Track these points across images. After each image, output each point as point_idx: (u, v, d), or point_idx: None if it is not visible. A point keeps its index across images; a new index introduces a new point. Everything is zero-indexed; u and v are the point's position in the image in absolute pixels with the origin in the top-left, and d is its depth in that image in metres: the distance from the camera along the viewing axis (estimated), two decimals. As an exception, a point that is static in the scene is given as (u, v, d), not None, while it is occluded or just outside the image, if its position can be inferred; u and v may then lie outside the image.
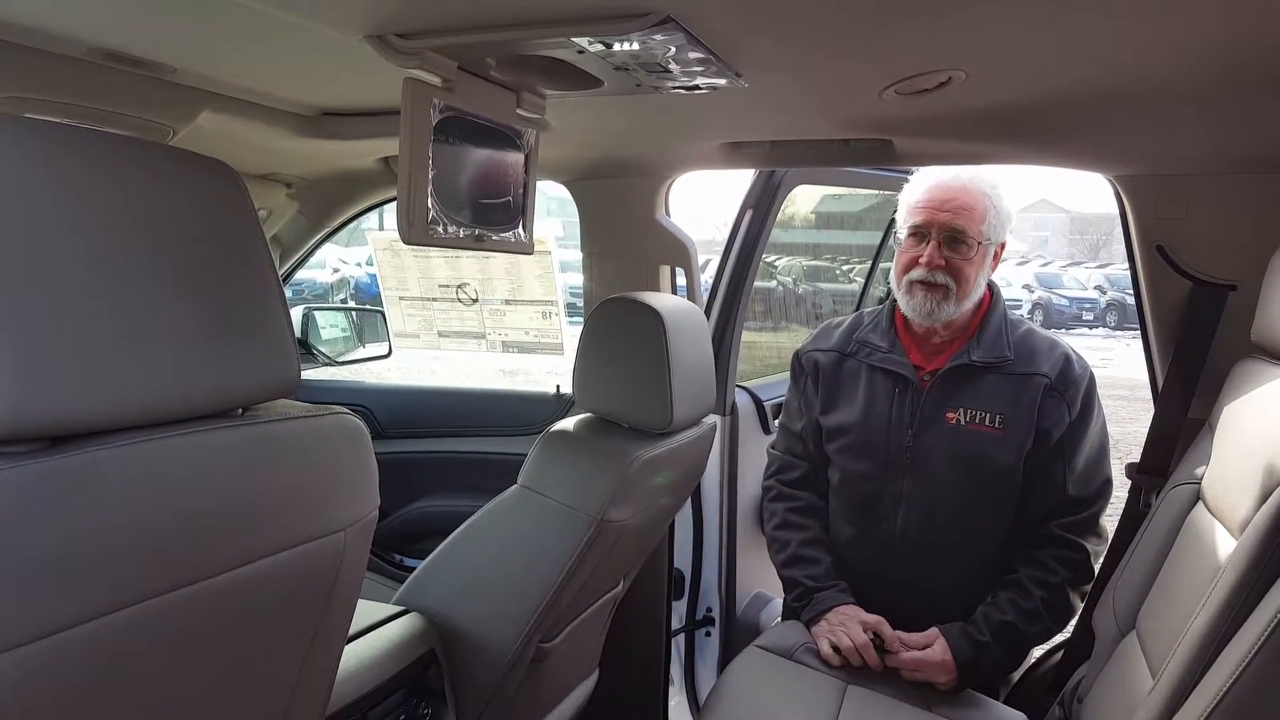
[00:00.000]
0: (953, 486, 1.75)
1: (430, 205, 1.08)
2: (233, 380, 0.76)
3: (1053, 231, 46.25)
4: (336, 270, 15.71)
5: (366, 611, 1.43)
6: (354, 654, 1.29)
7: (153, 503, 0.70)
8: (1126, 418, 8.53)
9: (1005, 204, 1.75)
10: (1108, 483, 1.78)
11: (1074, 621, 1.87)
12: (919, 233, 1.75)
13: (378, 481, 0.95)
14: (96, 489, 0.66)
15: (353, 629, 1.33)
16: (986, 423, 1.73)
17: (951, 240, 1.72)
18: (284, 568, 0.83)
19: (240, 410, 0.80)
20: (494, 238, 1.25)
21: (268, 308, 0.80)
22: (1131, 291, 1.88)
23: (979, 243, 1.72)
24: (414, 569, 1.60)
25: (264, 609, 0.84)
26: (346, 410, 0.89)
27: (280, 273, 2.70)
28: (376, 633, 1.38)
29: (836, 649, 1.74)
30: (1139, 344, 1.91)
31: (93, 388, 0.65)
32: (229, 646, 0.82)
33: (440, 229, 1.11)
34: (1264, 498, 1.17)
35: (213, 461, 0.75)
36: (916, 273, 1.74)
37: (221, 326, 0.75)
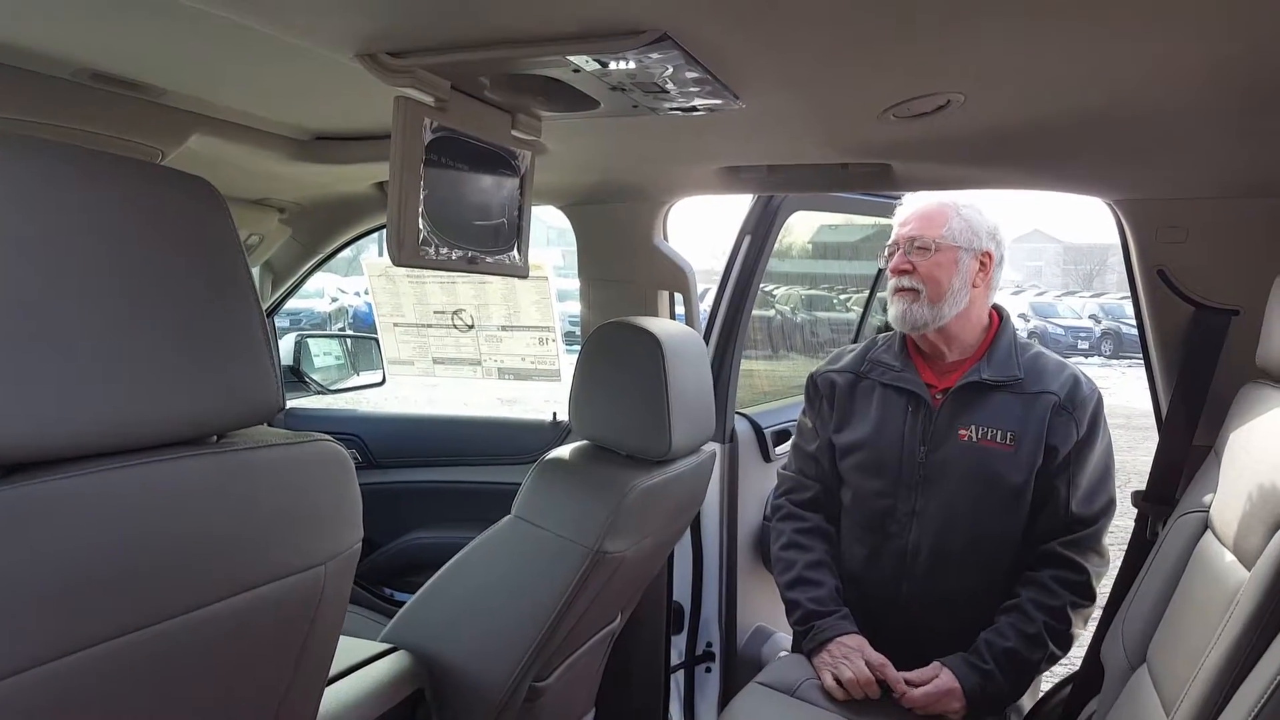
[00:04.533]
0: (965, 503, 1.77)
1: (421, 226, 1.06)
2: (207, 405, 0.73)
3: (1047, 261, 46.54)
4: (335, 299, 15.75)
5: (351, 649, 1.39)
6: (336, 695, 1.24)
7: (118, 535, 0.66)
8: (1125, 446, 8.50)
9: (973, 215, 1.82)
10: (1111, 503, 1.79)
11: (1083, 654, 1.83)
12: (891, 252, 1.87)
13: (361, 512, 0.91)
14: (56, 521, 0.62)
15: (336, 668, 1.29)
16: (998, 440, 1.76)
17: (913, 247, 1.81)
18: (260, 604, 0.80)
19: (215, 437, 0.77)
20: (488, 260, 1.23)
21: (247, 330, 0.77)
22: (1125, 320, 1.90)
23: (938, 246, 1.79)
24: (405, 604, 1.56)
25: (238, 647, 0.80)
26: (329, 438, 0.86)
27: (273, 300, 2.68)
28: (361, 672, 1.34)
29: (839, 681, 1.70)
30: (1134, 372, 1.92)
31: (54, 413, 0.62)
32: (199, 688, 0.79)
33: (431, 251, 1.08)
34: (1276, 527, 1.14)
35: (184, 491, 0.71)
36: (891, 281, 1.84)
37: (196, 349, 0.72)
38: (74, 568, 0.64)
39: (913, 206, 1.87)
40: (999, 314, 1.90)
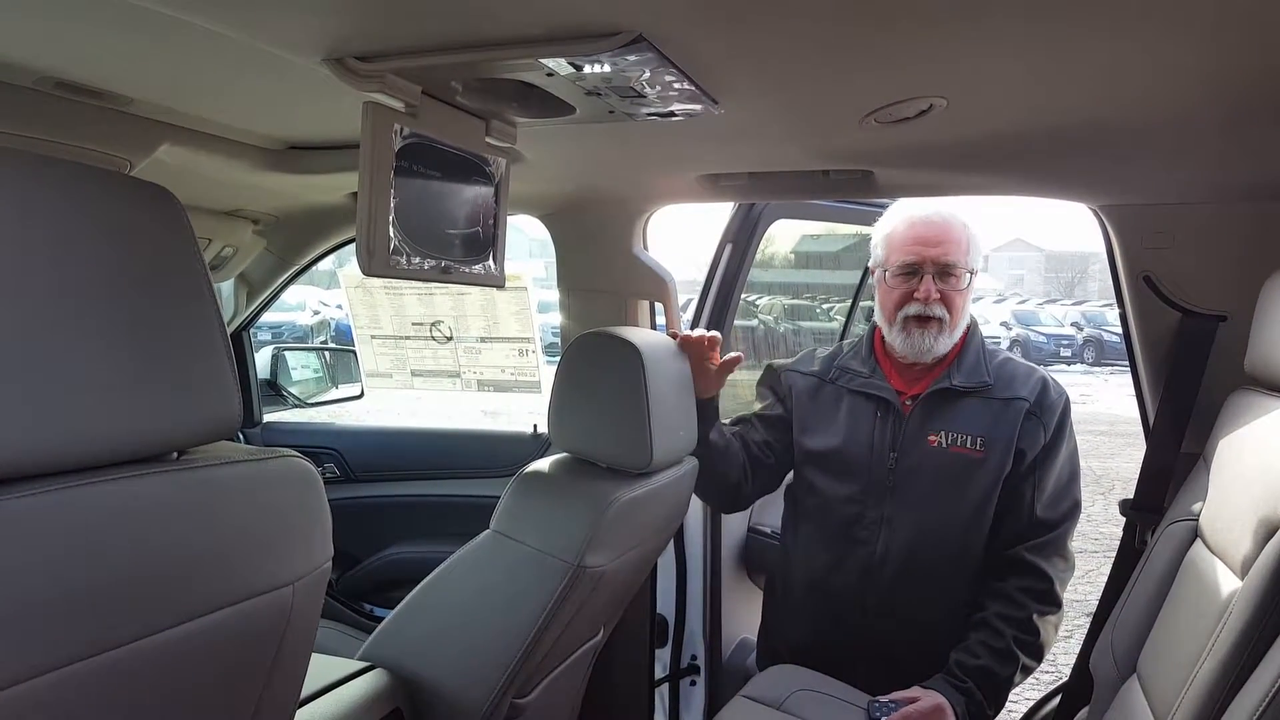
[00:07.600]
0: (934, 509, 1.76)
1: (392, 235, 1.03)
2: (166, 421, 0.70)
3: (1028, 270, 46.91)
4: (317, 313, 15.64)
5: (327, 668, 1.36)
6: (311, 716, 1.21)
7: (73, 557, 0.63)
8: (1107, 453, 8.55)
9: (976, 232, 1.79)
10: (1076, 506, 1.79)
11: (1072, 664, 1.81)
12: (910, 270, 1.76)
13: (331, 530, 0.88)
14: (7, 542, 0.59)
15: (312, 687, 1.25)
16: (968, 445, 1.75)
17: (943, 274, 1.74)
18: (224, 626, 0.76)
19: (175, 454, 0.73)
20: (463, 270, 1.20)
21: (207, 343, 0.73)
22: (1107, 328, 1.88)
23: (968, 272, 1.76)
24: (384, 619, 1.53)
25: (201, 672, 0.77)
26: (295, 453, 0.83)
27: (248, 313, 2.64)
28: (336, 692, 1.30)
29: None
30: (1117, 379, 1.91)
31: (2, 431, 0.58)
32: (161, 713, 0.75)
33: (403, 260, 1.05)
34: (1267, 535, 1.13)
35: (143, 510, 0.68)
36: (912, 308, 1.74)
37: (154, 363, 0.69)
38: (25, 592, 0.60)
39: (932, 223, 1.75)
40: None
